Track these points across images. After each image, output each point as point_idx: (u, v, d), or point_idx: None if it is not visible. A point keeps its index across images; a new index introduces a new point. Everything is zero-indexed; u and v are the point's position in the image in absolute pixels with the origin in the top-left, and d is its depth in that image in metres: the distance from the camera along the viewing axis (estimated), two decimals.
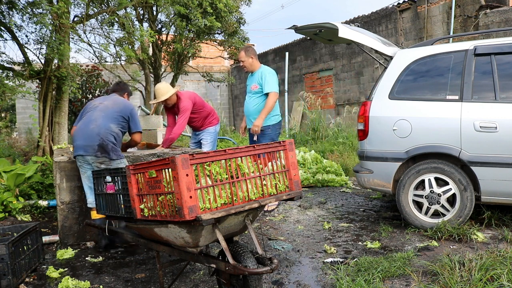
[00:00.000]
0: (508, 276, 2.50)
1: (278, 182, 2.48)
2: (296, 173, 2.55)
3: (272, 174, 2.47)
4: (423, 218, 3.88)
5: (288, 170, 2.53)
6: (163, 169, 2.21)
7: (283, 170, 2.52)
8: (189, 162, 2.08)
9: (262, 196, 2.38)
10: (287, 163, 2.52)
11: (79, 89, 11.73)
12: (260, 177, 2.39)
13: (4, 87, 6.11)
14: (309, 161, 6.92)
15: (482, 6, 8.49)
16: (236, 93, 18.33)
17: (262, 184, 2.39)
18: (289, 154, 2.52)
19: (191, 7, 8.45)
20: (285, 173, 2.53)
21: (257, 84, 4.81)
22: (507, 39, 3.75)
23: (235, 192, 2.27)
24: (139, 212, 2.48)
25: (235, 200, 2.26)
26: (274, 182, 2.46)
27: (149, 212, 2.40)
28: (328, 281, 2.84)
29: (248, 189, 2.32)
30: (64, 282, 2.91)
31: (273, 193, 2.43)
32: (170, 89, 4.80)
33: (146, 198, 2.40)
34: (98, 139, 3.54)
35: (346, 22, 10.07)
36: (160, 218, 2.30)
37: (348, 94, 12.07)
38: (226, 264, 2.24)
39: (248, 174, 2.34)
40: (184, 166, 2.05)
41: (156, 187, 2.29)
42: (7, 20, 5.96)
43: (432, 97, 3.92)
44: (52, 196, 5.31)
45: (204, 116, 5.14)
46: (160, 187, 2.25)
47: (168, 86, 4.87)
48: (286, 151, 2.53)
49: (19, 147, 11.54)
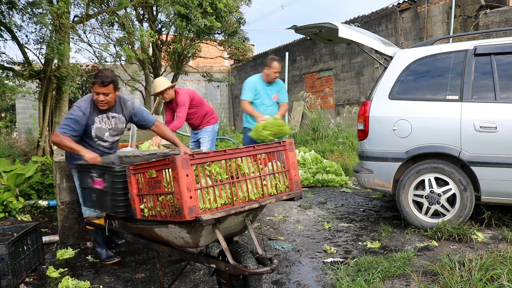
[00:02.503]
0: (508, 276, 2.50)
1: (278, 182, 2.47)
2: (296, 173, 2.55)
3: (272, 174, 2.46)
4: (423, 218, 3.88)
5: (288, 170, 2.52)
6: (163, 169, 2.21)
7: (283, 170, 2.51)
8: (189, 162, 2.08)
9: (263, 196, 2.37)
10: (287, 163, 2.52)
11: (79, 89, 11.72)
12: (260, 177, 2.38)
13: (4, 87, 6.12)
14: (309, 161, 6.92)
15: (482, 6, 8.49)
16: (236, 93, 18.33)
17: (262, 184, 2.38)
18: (289, 155, 2.53)
19: (191, 7, 8.46)
20: (285, 173, 2.53)
21: (277, 94, 4.93)
22: (507, 39, 3.75)
23: (235, 192, 2.26)
24: (139, 212, 2.48)
25: (235, 201, 2.25)
26: (274, 182, 2.45)
27: (149, 212, 2.40)
28: (328, 281, 2.84)
29: (248, 189, 2.31)
30: (64, 282, 2.91)
31: (273, 193, 2.43)
32: (167, 83, 4.87)
33: (146, 198, 2.40)
34: None
35: (346, 22, 10.07)
36: (160, 218, 2.30)
37: (348, 94, 12.07)
38: (226, 264, 2.24)
39: (248, 174, 2.34)
40: (184, 166, 2.05)
41: (156, 187, 2.28)
42: (7, 20, 5.97)
43: (432, 97, 3.92)
44: (52, 196, 5.31)
45: (203, 114, 5.15)
46: (160, 187, 2.25)
47: (166, 80, 4.95)
48: (286, 151, 2.53)
49: (19, 147, 11.54)
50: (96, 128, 3.28)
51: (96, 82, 3.14)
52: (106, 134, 3.35)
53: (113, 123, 3.37)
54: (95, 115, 3.27)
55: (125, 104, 3.42)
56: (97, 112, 3.28)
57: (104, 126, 3.32)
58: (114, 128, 3.38)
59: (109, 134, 3.37)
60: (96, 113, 3.28)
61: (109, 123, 3.35)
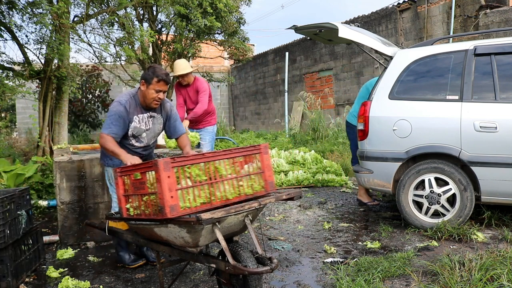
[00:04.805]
0: (508, 276, 2.50)
1: (254, 183, 2.61)
2: (271, 175, 2.69)
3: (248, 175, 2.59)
4: (423, 218, 3.88)
5: (263, 172, 2.66)
6: (147, 171, 2.38)
7: (258, 171, 2.64)
8: (171, 165, 2.25)
9: (239, 196, 2.51)
10: (262, 165, 2.66)
11: (79, 89, 11.73)
12: (236, 178, 2.52)
13: (4, 87, 6.11)
14: (309, 161, 6.92)
15: (482, 6, 8.49)
16: (236, 93, 18.33)
17: (238, 185, 2.52)
18: (264, 157, 2.67)
19: (191, 7, 8.45)
20: (260, 175, 2.65)
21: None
22: (507, 39, 3.75)
23: (214, 192, 2.41)
24: (125, 212, 2.61)
25: (213, 200, 2.40)
26: (250, 183, 2.59)
27: (135, 212, 2.54)
28: (328, 281, 2.84)
29: (225, 189, 2.46)
30: (64, 282, 2.91)
31: (249, 193, 2.57)
32: (189, 66, 4.90)
33: (132, 199, 2.56)
34: None
35: (346, 22, 10.06)
36: (145, 216, 2.46)
37: (348, 94, 12.06)
38: (226, 264, 2.25)
39: (225, 176, 2.48)
40: (165, 168, 2.23)
41: (141, 188, 2.45)
42: (7, 20, 5.96)
43: (432, 97, 3.92)
44: (52, 196, 5.31)
45: (208, 111, 5.14)
46: (145, 188, 2.42)
47: (188, 63, 4.99)
48: (262, 154, 2.67)
49: (19, 147, 11.53)
50: (133, 127, 3.04)
51: (162, 79, 2.92)
52: (143, 135, 3.12)
53: (151, 124, 3.13)
54: (135, 113, 3.03)
55: (164, 105, 3.17)
56: (138, 111, 3.04)
57: (142, 127, 3.09)
58: (152, 129, 3.15)
59: (146, 135, 3.14)
60: (137, 112, 3.04)
61: (148, 123, 3.11)
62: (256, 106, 16.86)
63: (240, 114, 18.11)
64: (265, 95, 16.19)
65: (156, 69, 2.99)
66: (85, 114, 13.43)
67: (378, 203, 5.06)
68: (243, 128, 17.45)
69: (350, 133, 5.08)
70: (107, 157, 3.21)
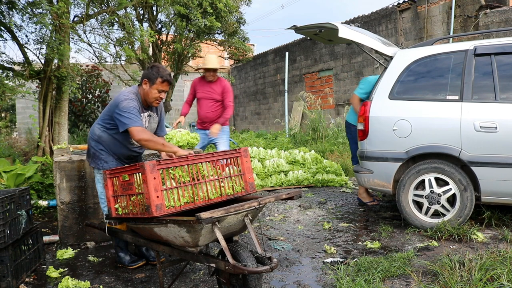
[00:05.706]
0: (508, 276, 2.50)
1: (235, 184, 2.76)
2: (251, 176, 2.85)
3: (229, 177, 2.74)
4: (423, 218, 3.88)
5: (243, 174, 2.81)
6: (135, 173, 2.51)
7: (239, 173, 2.80)
8: (156, 167, 2.39)
9: (221, 196, 2.65)
10: (243, 167, 2.82)
11: (79, 89, 11.73)
12: (218, 179, 2.67)
13: (4, 87, 6.11)
14: (309, 161, 6.92)
15: (482, 6, 8.49)
16: (236, 93, 18.33)
17: (220, 186, 2.67)
18: (244, 160, 2.82)
19: (191, 7, 8.46)
20: (241, 176, 2.81)
21: None
22: (507, 39, 3.75)
23: (197, 192, 2.54)
24: (114, 211, 2.74)
25: (196, 200, 2.53)
26: (231, 184, 2.74)
27: (123, 211, 2.68)
28: (328, 281, 2.84)
29: (208, 190, 2.60)
30: (64, 282, 2.91)
31: (230, 194, 2.71)
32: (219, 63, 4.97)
33: (120, 199, 2.70)
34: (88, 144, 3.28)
35: (346, 22, 10.06)
36: (132, 215, 2.60)
37: (348, 94, 12.06)
38: (225, 264, 2.25)
39: (208, 177, 2.63)
40: (151, 170, 2.36)
41: (129, 189, 2.59)
42: (7, 20, 5.96)
43: (432, 97, 3.92)
44: (52, 196, 5.31)
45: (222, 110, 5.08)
46: (132, 189, 2.56)
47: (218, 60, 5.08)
48: (242, 157, 2.81)
49: (19, 147, 11.54)
50: None
51: (166, 80, 2.90)
52: None
53: (147, 123, 3.14)
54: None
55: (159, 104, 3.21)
56: (140, 110, 3.00)
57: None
58: (148, 128, 3.14)
59: None
60: (140, 111, 3.00)
61: (146, 122, 3.11)
62: (256, 106, 16.87)
63: (240, 114, 18.12)
64: (265, 95, 16.20)
65: (160, 69, 2.98)
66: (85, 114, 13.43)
67: (378, 203, 5.06)
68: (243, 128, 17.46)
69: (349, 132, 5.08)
70: (101, 160, 3.17)
